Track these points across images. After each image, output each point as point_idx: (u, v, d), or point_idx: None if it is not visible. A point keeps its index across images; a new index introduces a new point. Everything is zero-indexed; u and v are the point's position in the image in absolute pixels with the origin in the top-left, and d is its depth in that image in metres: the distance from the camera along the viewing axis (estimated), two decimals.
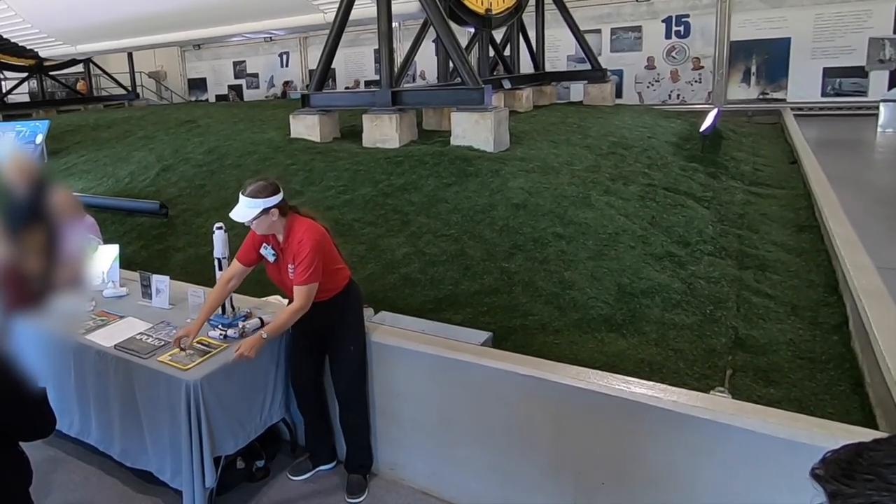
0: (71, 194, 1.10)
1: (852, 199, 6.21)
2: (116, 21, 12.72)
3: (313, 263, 2.96)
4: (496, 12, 10.51)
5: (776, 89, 14.81)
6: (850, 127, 11.85)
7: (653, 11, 15.90)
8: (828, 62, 14.14)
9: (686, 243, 5.26)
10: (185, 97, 23.54)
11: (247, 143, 8.51)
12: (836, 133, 11.25)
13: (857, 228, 5.12)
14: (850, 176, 7.46)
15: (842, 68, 13.97)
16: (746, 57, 15.04)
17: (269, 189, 2.97)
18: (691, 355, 3.75)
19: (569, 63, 16.21)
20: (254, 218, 2.94)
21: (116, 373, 3.19)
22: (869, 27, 13.57)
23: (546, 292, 4.40)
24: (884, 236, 5.23)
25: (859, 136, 10.96)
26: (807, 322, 4.12)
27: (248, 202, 2.94)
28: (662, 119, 10.45)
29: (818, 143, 9.60)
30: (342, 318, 3.19)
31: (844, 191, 6.43)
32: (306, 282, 2.95)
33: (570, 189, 5.99)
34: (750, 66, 15.04)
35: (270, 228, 3.03)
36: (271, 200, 2.95)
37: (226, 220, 3.50)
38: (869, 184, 7.50)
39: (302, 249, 2.95)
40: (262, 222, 2.98)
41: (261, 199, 2.93)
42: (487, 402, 3.12)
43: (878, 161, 9.41)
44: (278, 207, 2.99)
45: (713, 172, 7.49)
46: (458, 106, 7.72)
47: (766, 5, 14.68)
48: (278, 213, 2.99)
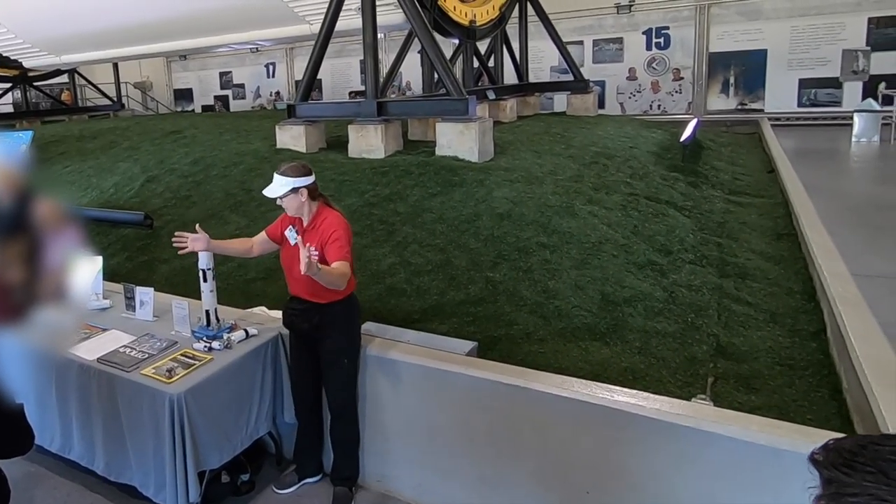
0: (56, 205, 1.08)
1: (828, 207, 6.30)
2: (102, 31, 12.62)
3: (348, 243, 3.05)
4: (480, 24, 10.56)
5: (754, 100, 15.02)
6: (826, 137, 12.03)
7: (634, 23, 16.07)
8: (803, 73, 14.37)
9: (668, 252, 5.30)
10: (171, 108, 23.38)
11: (233, 153, 8.45)
12: (812, 143, 11.41)
13: (833, 236, 5.19)
14: (826, 185, 7.57)
15: (817, 79, 14.20)
16: (725, 68, 15.24)
17: (302, 170, 3.09)
18: (674, 363, 3.76)
19: (552, 74, 16.32)
20: (283, 195, 3.05)
21: (99, 386, 3.15)
22: (842, 39, 13.82)
23: (531, 301, 4.41)
24: (859, 244, 5.30)
25: (834, 145, 11.13)
26: (786, 329, 4.16)
27: (280, 180, 3.06)
28: (644, 129, 10.54)
29: (795, 152, 9.73)
30: (337, 326, 3.17)
31: (821, 199, 6.52)
32: (345, 257, 2.98)
33: (554, 198, 6.01)
34: (728, 77, 15.24)
35: (299, 209, 3.11)
36: (302, 181, 3.06)
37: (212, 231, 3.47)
38: (844, 192, 7.61)
39: (336, 232, 3.02)
40: (291, 201, 3.08)
41: (291, 178, 3.05)
42: (473, 411, 3.11)
43: (852, 170, 9.56)
44: (308, 189, 3.08)
45: (693, 182, 7.55)
46: (442, 116, 7.73)
47: (744, 18, 14.91)
48: (307, 195, 3.08)
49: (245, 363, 3.25)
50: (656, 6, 15.69)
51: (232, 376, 3.16)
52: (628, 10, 15.96)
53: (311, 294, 3.13)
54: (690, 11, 15.34)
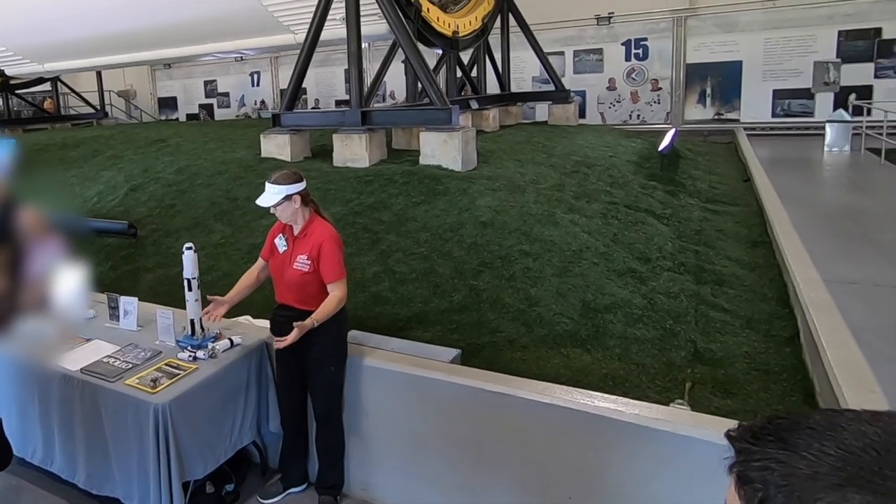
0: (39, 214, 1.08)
1: (802, 215, 6.42)
2: (85, 39, 12.49)
3: (340, 258, 3.11)
4: (463, 34, 10.63)
5: (730, 110, 15.25)
6: (799, 146, 12.25)
7: (613, 34, 16.27)
8: (777, 84, 14.65)
9: (647, 259, 5.36)
10: (156, 116, 23.18)
11: (217, 162, 8.40)
12: (786, 152, 11.61)
13: (806, 244, 5.29)
14: (799, 193, 7.71)
15: (790, 90, 14.48)
16: (702, 79, 15.48)
17: (293, 177, 3.09)
18: (652, 369, 3.80)
19: (534, 84, 16.46)
20: (277, 203, 3.05)
21: (82, 397, 3.10)
22: (814, 51, 14.11)
23: (513, 309, 4.43)
24: (831, 251, 5.41)
25: (807, 154, 11.34)
26: (761, 335, 4.22)
27: (272, 188, 3.05)
28: (623, 138, 10.66)
29: (769, 161, 9.90)
30: (325, 334, 3.16)
31: (794, 208, 6.64)
32: (339, 276, 3.08)
33: (536, 207, 6.06)
34: (705, 88, 15.47)
35: (293, 216, 3.12)
36: (294, 187, 3.07)
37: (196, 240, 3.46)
38: (817, 201, 7.75)
39: (328, 247, 3.06)
40: (284, 209, 3.08)
41: (284, 186, 3.05)
42: (456, 418, 3.12)
43: (825, 179, 9.75)
44: (301, 195, 3.09)
45: (672, 190, 7.65)
46: (426, 126, 7.76)
47: (719, 30, 15.16)
48: (300, 201, 3.09)
49: (230, 372, 3.23)
50: (635, 18, 15.90)
51: (217, 386, 3.14)
52: (608, 21, 16.16)
53: (299, 301, 3.13)
54: (668, 23, 15.57)
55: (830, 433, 0.55)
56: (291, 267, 3.11)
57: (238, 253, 5.71)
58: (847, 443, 0.53)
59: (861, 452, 0.52)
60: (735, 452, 0.60)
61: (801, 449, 0.54)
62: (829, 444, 0.53)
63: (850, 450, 0.52)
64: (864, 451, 0.52)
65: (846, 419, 0.56)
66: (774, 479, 0.54)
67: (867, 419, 0.56)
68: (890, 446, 0.52)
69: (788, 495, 0.52)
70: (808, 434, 0.56)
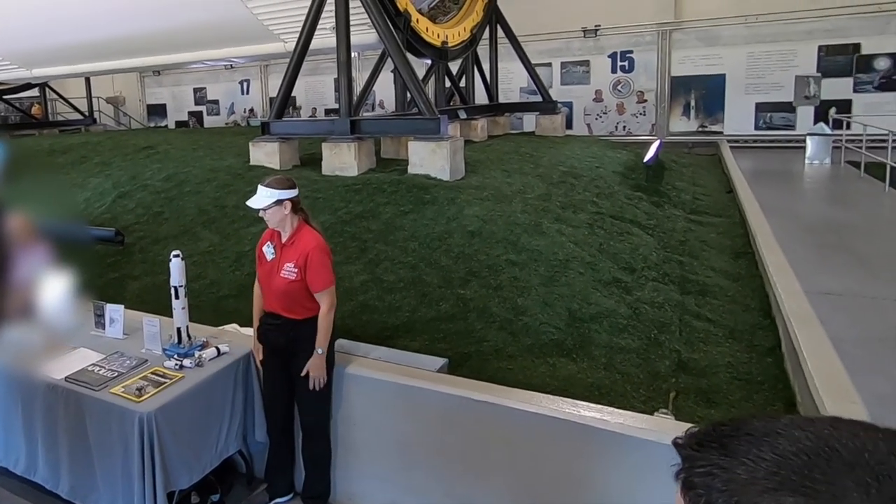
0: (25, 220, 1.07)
1: (784, 227, 6.49)
2: (74, 46, 12.41)
3: (328, 266, 3.11)
4: (452, 45, 10.68)
5: (714, 122, 15.43)
6: (781, 159, 12.40)
7: (600, 47, 16.42)
8: (759, 98, 14.84)
9: (632, 269, 5.39)
10: (144, 123, 23.03)
11: (206, 169, 8.36)
12: (768, 164, 11.75)
13: (788, 255, 5.35)
14: (781, 205, 7.80)
15: (772, 103, 14.67)
16: (686, 91, 15.65)
17: (286, 183, 3.11)
18: (637, 378, 3.82)
19: (521, 95, 16.54)
20: (267, 207, 3.05)
21: (67, 406, 3.06)
22: (795, 66, 14.32)
23: (500, 318, 4.44)
24: (812, 262, 5.47)
25: (789, 167, 11.48)
26: (744, 345, 4.26)
27: (264, 191, 3.06)
28: (609, 150, 10.74)
29: (752, 173, 10.01)
30: (312, 342, 3.14)
31: (776, 219, 6.72)
32: (327, 285, 3.09)
33: (523, 217, 6.08)
34: (689, 101, 15.64)
35: (281, 222, 3.11)
36: (286, 193, 3.07)
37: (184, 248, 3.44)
38: (798, 213, 7.85)
39: (316, 256, 3.06)
40: (274, 213, 3.07)
41: (276, 190, 3.05)
42: (443, 428, 3.12)
43: (806, 191, 9.88)
44: (292, 202, 3.09)
45: (657, 201, 7.72)
46: (415, 135, 7.78)
47: (703, 43, 15.35)
48: (291, 208, 3.09)
49: (216, 381, 3.20)
50: (621, 31, 16.06)
51: (203, 394, 3.11)
52: (594, 34, 16.32)
53: (287, 310, 3.12)
54: (653, 36, 15.75)
55: (767, 439, 0.57)
56: (279, 275, 3.10)
57: (226, 261, 5.68)
58: (781, 448, 0.56)
59: (793, 457, 0.54)
60: (681, 459, 0.62)
61: (741, 455, 0.57)
62: (766, 450, 0.56)
63: (784, 455, 0.55)
64: (796, 455, 0.54)
65: (782, 425, 0.59)
66: (716, 485, 0.56)
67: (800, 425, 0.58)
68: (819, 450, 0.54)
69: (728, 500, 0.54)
70: (746, 440, 0.58)
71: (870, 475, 0.52)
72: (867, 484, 0.51)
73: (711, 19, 14.99)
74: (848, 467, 0.52)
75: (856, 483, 0.51)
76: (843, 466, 0.53)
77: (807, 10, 13.93)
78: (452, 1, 11.60)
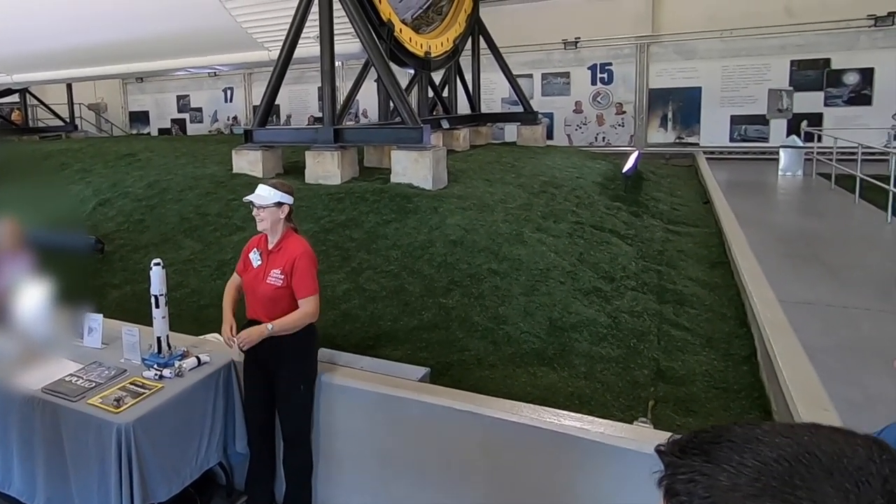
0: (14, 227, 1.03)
1: (758, 237, 6.57)
2: (56, 51, 12.22)
3: (314, 275, 3.06)
4: (435, 55, 10.71)
5: (690, 134, 15.63)
6: (755, 170, 12.58)
7: (580, 59, 16.58)
8: (734, 110, 15.08)
9: (611, 279, 5.42)
10: (127, 130, 22.73)
11: (188, 177, 8.26)
12: (743, 175, 11.92)
13: (762, 264, 5.41)
14: (755, 216, 7.90)
15: (746, 116, 14.92)
16: (663, 104, 15.85)
17: (288, 188, 3.10)
18: (617, 387, 3.83)
19: (503, 105, 16.63)
20: (267, 205, 3.00)
21: (43, 417, 2.98)
22: (768, 79, 14.58)
23: (482, 327, 4.43)
24: (786, 272, 5.54)
25: (763, 178, 11.65)
26: (720, 354, 4.29)
27: (267, 189, 3.03)
28: (589, 160, 10.82)
29: (728, 184, 10.14)
30: (295, 352, 3.10)
31: (751, 229, 6.80)
32: (312, 292, 3.03)
33: (505, 226, 6.09)
34: (667, 113, 15.84)
35: (274, 225, 3.07)
36: (288, 197, 3.06)
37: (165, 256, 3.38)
38: (772, 223, 7.95)
39: (302, 262, 3.02)
40: (271, 214, 3.03)
41: (279, 192, 3.03)
42: (425, 437, 3.09)
43: (779, 202, 10.02)
44: (290, 208, 3.08)
45: (635, 211, 7.78)
46: (398, 144, 7.77)
47: (680, 57, 15.58)
48: (287, 213, 3.07)
49: (196, 391, 3.14)
50: (600, 43, 16.24)
51: (183, 405, 3.04)
52: (574, 46, 16.48)
53: (270, 317, 3.08)
54: (631, 49, 15.95)
55: (749, 446, 0.57)
56: (265, 281, 3.07)
57: (207, 269, 5.60)
58: (763, 455, 0.56)
59: (774, 463, 0.55)
60: (664, 466, 0.62)
61: (723, 462, 0.57)
62: (748, 457, 0.56)
63: (765, 461, 0.55)
64: (777, 462, 0.55)
65: (762, 432, 0.59)
66: (698, 492, 0.56)
67: (781, 431, 0.59)
68: (799, 456, 0.55)
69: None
70: (728, 447, 0.58)
71: (849, 481, 0.52)
72: (847, 490, 0.52)
73: (687, 33, 15.22)
74: (827, 473, 0.53)
75: (836, 489, 0.52)
76: (823, 472, 0.53)
77: (779, 25, 14.20)
78: (435, 12, 11.65)
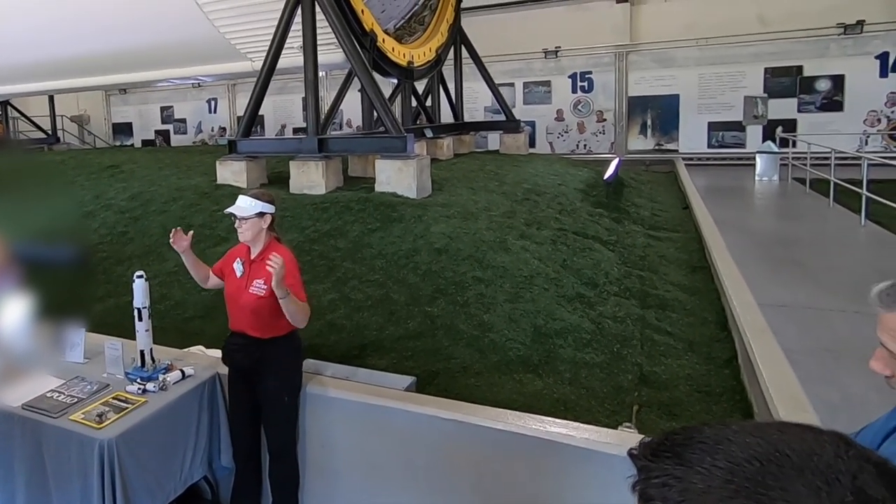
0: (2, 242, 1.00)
1: (737, 241, 6.63)
2: (37, 63, 12.06)
3: (300, 281, 3.01)
4: (418, 65, 10.72)
5: (669, 141, 15.79)
6: (733, 175, 12.73)
7: (560, 67, 16.70)
8: (711, 117, 15.26)
9: (594, 284, 5.44)
10: (110, 142, 22.46)
11: (172, 188, 8.18)
12: (721, 181, 12.05)
13: (741, 268, 5.46)
14: (734, 220, 7.98)
15: (723, 123, 15.10)
16: (643, 111, 16.01)
17: (269, 197, 3.05)
18: (601, 393, 3.83)
19: (486, 114, 16.69)
20: (248, 216, 2.96)
21: (23, 435, 2.91)
22: (743, 87, 14.79)
23: (467, 335, 4.41)
24: (765, 275, 5.59)
25: (740, 183, 11.79)
26: (702, 357, 4.32)
27: (248, 200, 2.99)
28: (571, 167, 10.88)
29: (706, 190, 10.25)
30: (279, 363, 3.06)
31: (730, 234, 6.87)
32: (303, 299, 2.97)
33: (489, 234, 6.09)
34: (646, 120, 16.00)
35: (256, 236, 3.03)
36: (269, 207, 3.02)
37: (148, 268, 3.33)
38: (750, 227, 8.04)
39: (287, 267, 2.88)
40: (253, 224, 2.99)
41: (260, 202, 2.99)
42: (412, 447, 3.06)
43: (757, 206, 10.15)
44: (272, 217, 3.03)
45: (617, 217, 7.83)
46: (382, 153, 7.75)
47: (658, 65, 15.75)
48: (269, 223, 3.03)
49: (181, 405, 3.09)
50: (580, 52, 16.37)
51: (167, 419, 2.99)
52: (555, 55, 16.60)
53: (254, 329, 3.03)
54: (611, 58, 16.10)
55: (720, 447, 0.57)
56: (247, 291, 3.02)
57: (192, 281, 5.48)
58: (734, 455, 0.56)
59: (746, 464, 0.55)
60: (637, 471, 0.61)
61: (695, 464, 0.57)
62: (719, 458, 0.56)
63: (737, 462, 0.55)
64: (749, 462, 0.55)
65: (732, 432, 0.59)
66: (672, 496, 0.56)
67: (751, 431, 0.59)
68: (770, 456, 0.55)
69: None
70: (700, 449, 0.58)
71: (819, 479, 0.53)
72: (818, 488, 0.52)
73: (665, 42, 15.41)
74: (798, 472, 0.53)
75: (807, 487, 0.52)
76: (794, 471, 0.54)
77: (752, 33, 14.42)
78: (418, 22, 11.68)
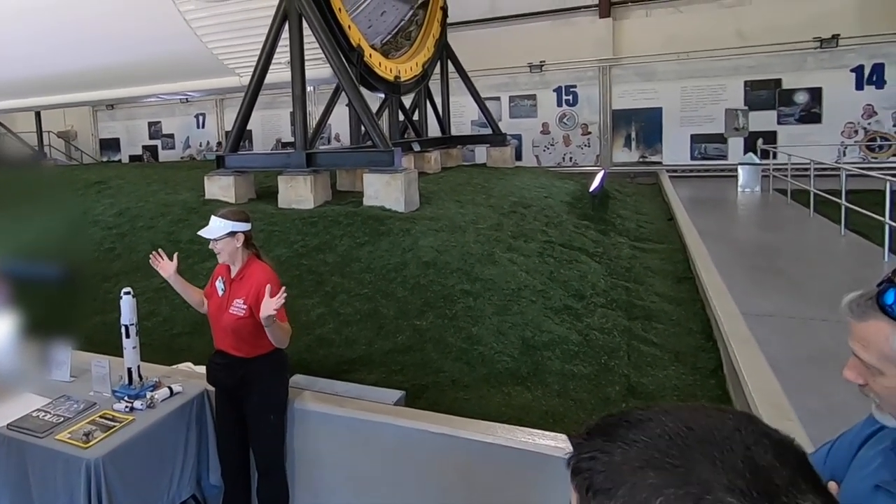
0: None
1: (721, 252, 6.69)
2: (24, 79, 11.98)
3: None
4: (405, 79, 10.78)
5: (653, 153, 15.96)
6: (715, 187, 12.86)
7: (545, 81, 16.86)
8: (694, 129, 15.46)
9: (581, 296, 5.46)
10: (97, 158, 22.29)
11: (160, 204, 8.12)
12: (704, 192, 12.17)
13: (725, 279, 5.51)
14: (717, 231, 8.06)
15: (706, 135, 15.30)
16: (627, 124, 16.18)
17: (241, 216, 3.03)
18: (589, 404, 3.84)
19: (473, 128, 16.78)
20: (219, 237, 2.95)
21: (8, 455, 2.86)
22: (724, 99, 15.01)
23: (456, 348, 4.41)
24: (748, 285, 5.64)
25: (723, 195, 11.91)
26: (688, 368, 4.34)
27: (217, 222, 2.97)
28: (557, 180, 10.95)
29: (690, 201, 10.35)
30: (263, 381, 3.04)
31: (714, 245, 6.93)
32: (284, 319, 2.96)
33: (476, 247, 6.10)
34: (630, 132, 16.16)
35: (232, 255, 3.02)
36: (240, 226, 2.99)
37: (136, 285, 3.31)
38: (733, 237, 8.12)
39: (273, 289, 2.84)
40: (226, 245, 2.98)
41: (230, 222, 2.97)
42: (401, 461, 3.05)
43: (739, 217, 10.26)
44: (245, 235, 3.01)
45: (603, 229, 7.88)
46: (370, 167, 7.76)
47: (640, 78, 15.95)
48: (243, 241, 3.01)
49: (168, 423, 3.05)
50: (565, 66, 16.54)
51: (154, 437, 2.96)
52: (540, 69, 16.76)
53: (236, 348, 3.01)
54: (595, 71, 16.28)
55: (641, 424, 0.63)
56: (228, 311, 3.00)
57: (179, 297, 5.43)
58: (650, 431, 0.61)
59: (658, 438, 0.60)
60: (573, 449, 0.66)
61: (619, 439, 0.62)
62: (638, 434, 0.62)
63: (651, 437, 0.61)
64: (661, 437, 0.60)
65: (654, 413, 0.64)
66: (597, 467, 0.61)
67: (668, 411, 0.64)
68: (679, 431, 0.61)
69: (605, 479, 0.60)
70: (625, 426, 0.63)
71: (717, 450, 0.58)
72: (714, 457, 0.58)
73: (647, 56, 15.61)
74: (700, 444, 0.59)
75: (704, 456, 0.58)
76: (697, 444, 0.59)
77: (731, 47, 14.66)
78: (404, 37, 11.76)
